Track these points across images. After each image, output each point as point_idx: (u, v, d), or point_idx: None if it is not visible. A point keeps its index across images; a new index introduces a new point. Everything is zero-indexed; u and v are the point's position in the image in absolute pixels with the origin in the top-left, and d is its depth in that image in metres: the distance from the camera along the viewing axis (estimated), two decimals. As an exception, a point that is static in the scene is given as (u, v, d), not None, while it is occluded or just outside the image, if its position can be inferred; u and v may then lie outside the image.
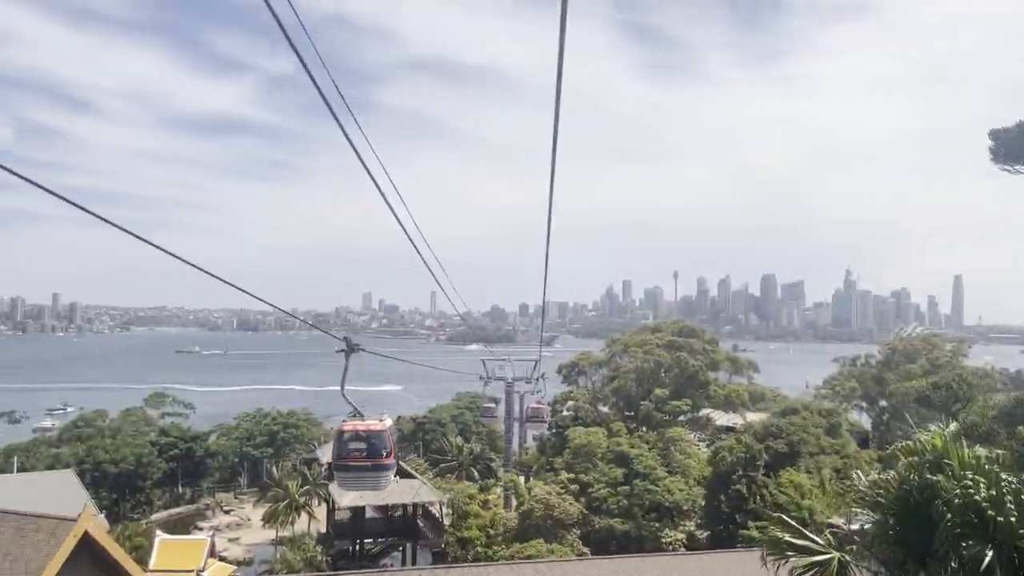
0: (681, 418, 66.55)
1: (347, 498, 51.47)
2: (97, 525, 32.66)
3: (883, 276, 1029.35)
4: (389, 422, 22.61)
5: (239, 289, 13.85)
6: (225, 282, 13.27)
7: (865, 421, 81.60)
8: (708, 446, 63.92)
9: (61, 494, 54.77)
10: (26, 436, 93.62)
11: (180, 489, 77.32)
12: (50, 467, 64.60)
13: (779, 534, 14.69)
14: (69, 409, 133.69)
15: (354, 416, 22.25)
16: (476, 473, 67.77)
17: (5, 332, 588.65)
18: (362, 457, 21.38)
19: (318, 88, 8.85)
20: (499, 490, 59.36)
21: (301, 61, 8.18)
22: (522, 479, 63.85)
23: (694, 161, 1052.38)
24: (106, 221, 9.94)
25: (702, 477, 53.97)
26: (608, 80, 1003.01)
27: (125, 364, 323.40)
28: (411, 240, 16.19)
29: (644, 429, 63.70)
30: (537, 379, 59.83)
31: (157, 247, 11.05)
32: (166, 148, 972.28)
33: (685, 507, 54.06)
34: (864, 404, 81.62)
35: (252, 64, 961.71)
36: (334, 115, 9.37)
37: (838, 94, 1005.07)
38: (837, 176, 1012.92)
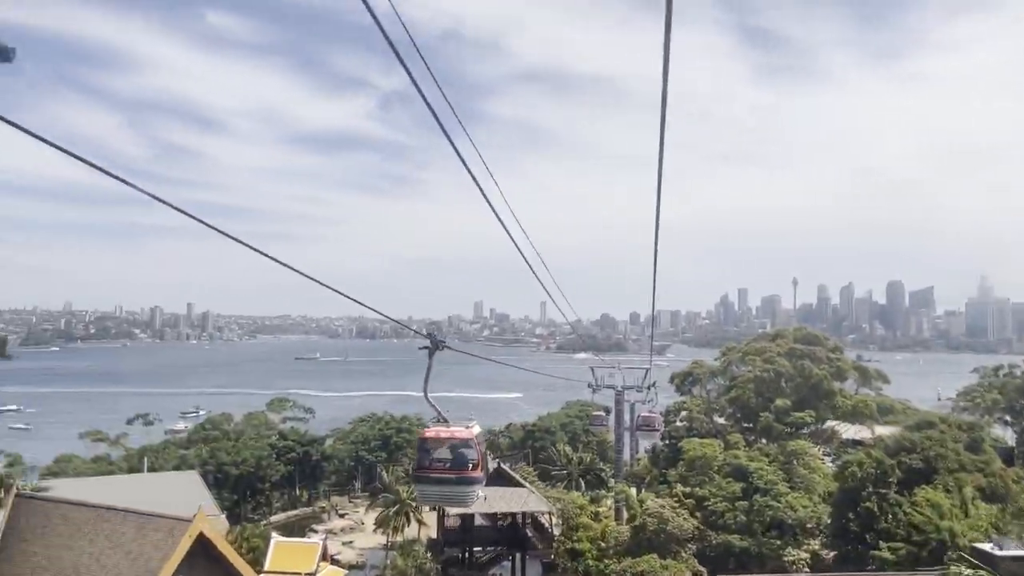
0: (804, 431, 62.98)
1: (456, 505, 51.33)
2: (212, 526, 33.40)
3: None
4: (477, 429, 20.56)
5: (352, 299, 14.63)
6: (338, 292, 13.99)
7: (1009, 437, 75.08)
8: (834, 461, 60.18)
9: (185, 494, 57.03)
10: (159, 438, 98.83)
11: (297, 492, 79.58)
12: (176, 468, 67.71)
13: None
14: (201, 412, 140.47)
15: (438, 422, 20.24)
16: (585, 483, 66.37)
17: (145, 340, 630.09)
18: (445, 468, 19.23)
19: (429, 106, 9.23)
20: (610, 501, 57.81)
21: (412, 79, 8.44)
22: (634, 491, 61.97)
23: (813, 164, 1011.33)
24: (231, 237, 10.78)
25: (827, 493, 50.65)
26: (721, 83, 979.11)
27: (251, 370, 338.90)
28: (520, 250, 17.03)
29: (764, 442, 60.62)
30: (648, 388, 58.00)
31: (275, 259, 11.57)
32: (289, 164, 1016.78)
33: (809, 525, 50.90)
34: (1008, 418, 75.10)
35: (369, 81, 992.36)
36: (445, 132, 9.85)
37: (967, 91, 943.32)
38: (968, 177, 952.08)
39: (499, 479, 51.60)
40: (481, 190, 11.62)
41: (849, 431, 68.20)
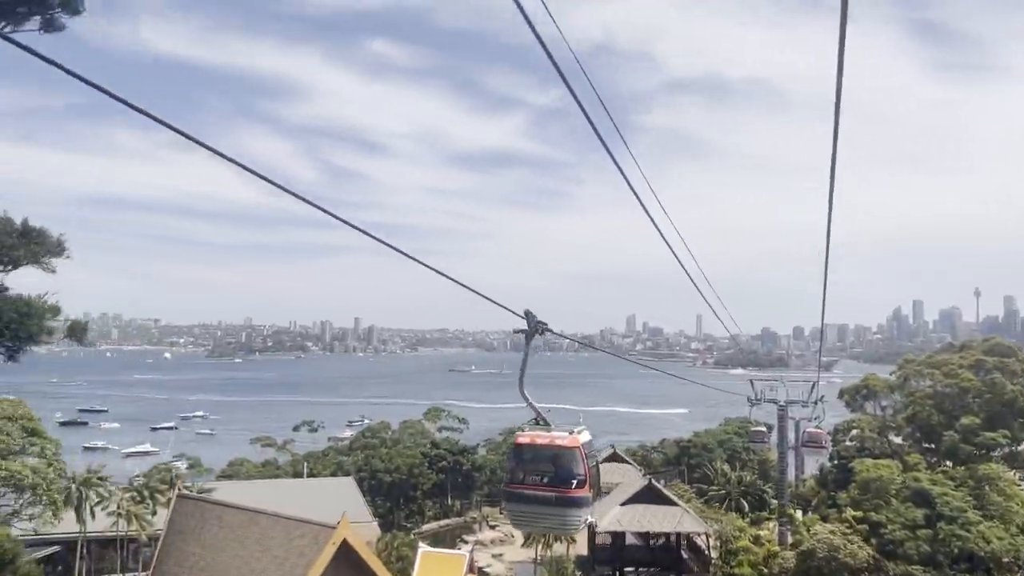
0: (996, 453, 56.30)
1: (606, 520, 49.29)
2: (357, 533, 33.45)
3: None
4: (586, 437, 16.75)
5: (509, 311, 14.54)
6: (496, 303, 14.04)
7: None
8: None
9: (340, 499, 58.44)
10: (322, 444, 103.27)
11: (449, 501, 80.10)
12: (333, 473, 69.89)
13: None
14: (365, 421, 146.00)
15: (537, 424, 16.56)
16: (746, 504, 62.34)
17: (316, 352, 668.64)
18: (541, 484, 15.66)
19: (590, 120, 9.36)
20: (773, 525, 53.88)
21: (572, 93, 8.66)
22: (799, 514, 57.58)
23: (993, 165, 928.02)
24: (404, 254, 10.96)
25: (1030, 525, 44.74)
26: (893, 83, 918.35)
27: (411, 381, 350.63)
28: (680, 262, 16.70)
29: (948, 464, 54.67)
30: (815, 402, 53.61)
31: (438, 272, 11.82)
32: (447, 183, 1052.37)
33: (1006, 559, 45.05)
34: None
35: (522, 99, 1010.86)
36: (605, 146, 9.88)
37: None
38: None
39: (651, 497, 49.34)
40: (641, 202, 11.90)
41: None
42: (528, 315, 15.07)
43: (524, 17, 7.29)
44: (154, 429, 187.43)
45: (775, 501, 57.97)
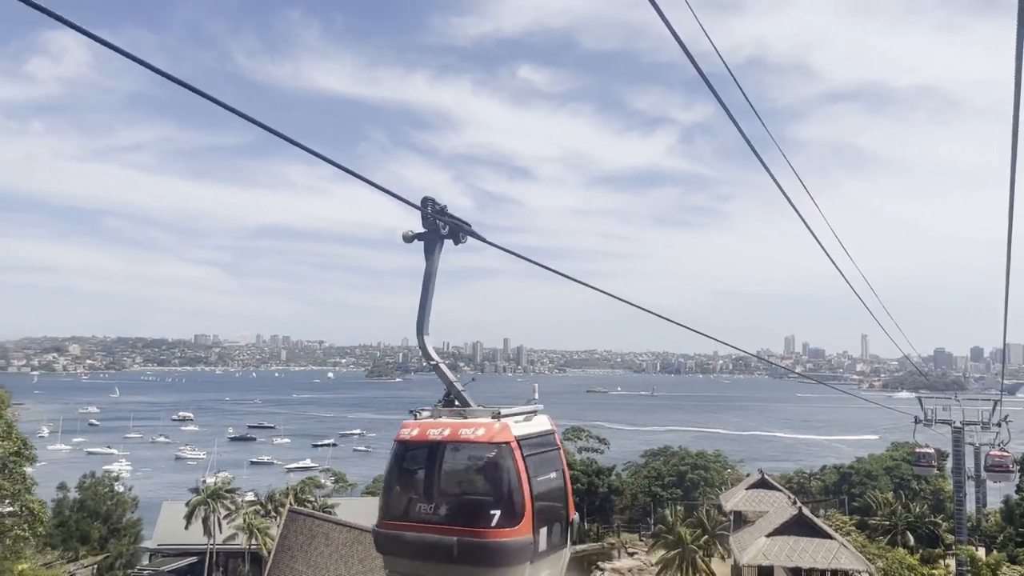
0: None
1: (751, 552, 44.68)
2: None
3: None
4: (536, 425, 9.90)
5: (694, 331, 14.07)
6: (679, 324, 13.60)
7: None
8: None
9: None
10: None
11: (585, 525, 76.80)
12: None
13: None
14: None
15: (445, 406, 10.39)
16: (913, 539, 55.21)
17: (468, 372, 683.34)
18: (434, 521, 8.85)
19: (744, 136, 9.57)
20: (950, 563, 47.11)
21: (724, 107, 8.70)
22: (982, 552, 50.21)
23: None
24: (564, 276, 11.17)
25: None
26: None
27: (559, 402, 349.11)
28: (846, 279, 16.32)
29: None
30: (998, 424, 46.59)
31: (599, 290, 11.88)
32: (595, 204, 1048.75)
33: None
34: None
35: (668, 116, 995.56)
36: (757, 155, 10.15)
37: None
38: None
39: (803, 527, 44.20)
40: (800, 217, 11.79)
41: None
42: (426, 204, 10.42)
43: (672, 33, 7.12)
44: (315, 446, 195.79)
45: (950, 536, 50.86)
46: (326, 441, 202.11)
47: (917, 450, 55.98)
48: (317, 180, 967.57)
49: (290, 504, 36.88)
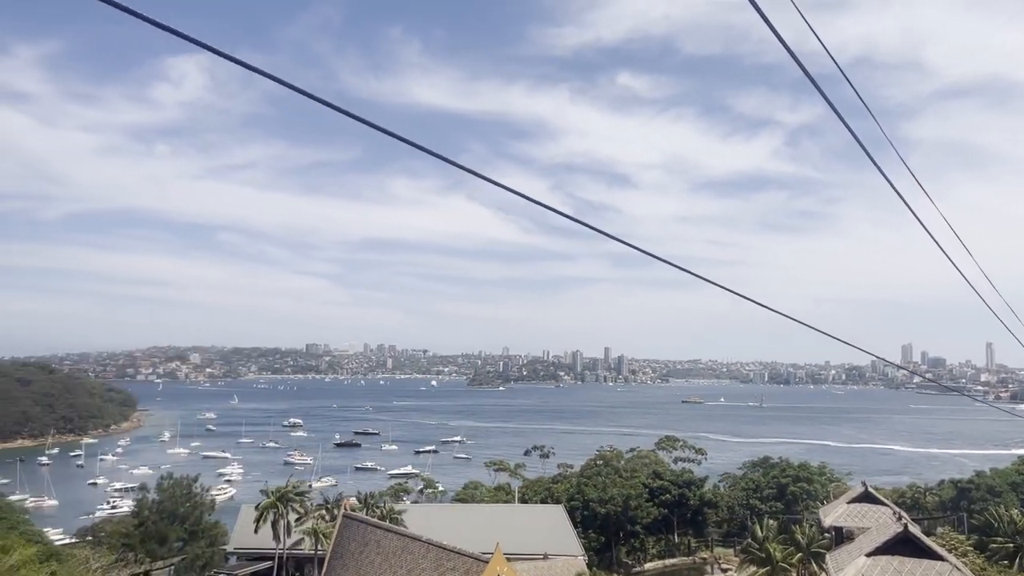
0: None
1: (848, 574, 40.54)
2: (511, 567, 29.21)
3: None
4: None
5: (839, 340, 13.01)
6: (817, 329, 12.58)
7: None
8: None
9: (545, 527, 54.73)
10: (552, 471, 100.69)
11: (676, 538, 73.02)
12: (543, 500, 66.22)
13: None
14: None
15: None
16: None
17: (568, 381, 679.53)
18: None
19: (855, 136, 9.66)
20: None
21: (832, 107, 8.86)
22: None
23: None
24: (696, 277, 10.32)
25: None
26: None
27: (660, 412, 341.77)
28: (970, 284, 15.50)
29: None
30: None
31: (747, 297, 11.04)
32: (697, 210, 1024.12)
33: None
34: None
35: (773, 119, 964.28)
36: (869, 156, 10.11)
37: None
38: None
39: (909, 547, 39.66)
40: (918, 219, 11.90)
41: None
42: None
43: (775, 33, 7.22)
44: (417, 452, 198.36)
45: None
46: (428, 448, 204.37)
47: None
48: (420, 193, 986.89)
49: (345, 510, 35.75)
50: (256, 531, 47.15)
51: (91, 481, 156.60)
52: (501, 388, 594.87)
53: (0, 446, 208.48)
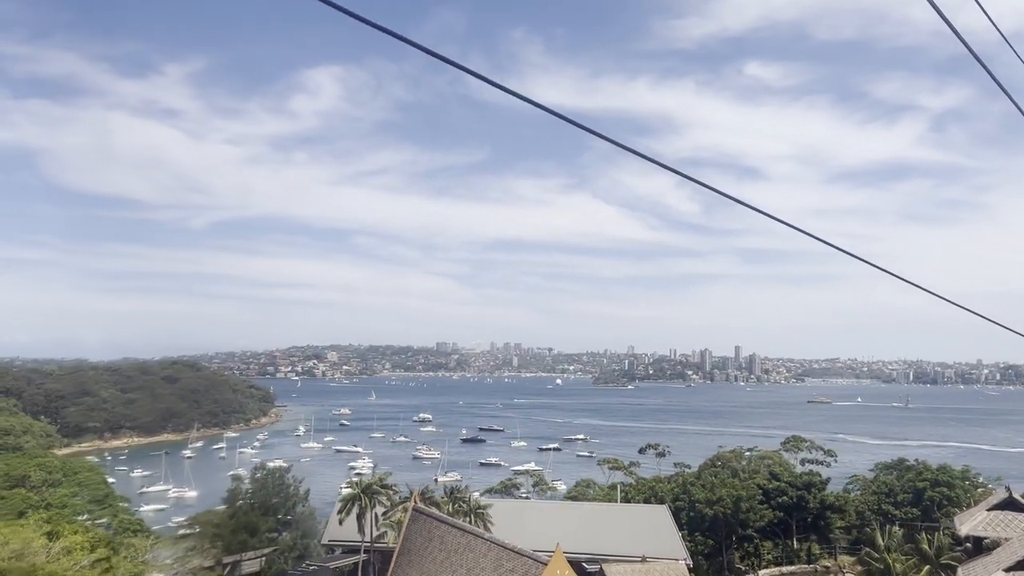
0: None
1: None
2: (570, 570, 27.02)
3: None
4: None
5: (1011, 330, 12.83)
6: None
7: None
8: None
9: (648, 528, 51.94)
10: (668, 470, 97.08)
11: (795, 543, 67.81)
12: (647, 500, 63.09)
13: None
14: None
15: None
16: None
17: (697, 380, 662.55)
18: None
19: (1016, 104, 10.08)
20: None
21: (997, 82, 9.29)
22: None
23: None
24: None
25: None
26: None
27: (788, 413, 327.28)
28: None
29: None
30: None
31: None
32: (833, 202, 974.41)
33: None
34: None
35: (915, 103, 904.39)
36: None
37: None
38: None
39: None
40: None
41: None
42: None
43: (935, 8, 7.27)
44: (541, 449, 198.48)
45: None
46: (551, 445, 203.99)
47: None
48: (544, 192, 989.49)
49: (414, 503, 34.50)
50: (341, 523, 46.98)
51: (231, 473, 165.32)
52: (629, 387, 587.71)
53: (146, 440, 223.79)
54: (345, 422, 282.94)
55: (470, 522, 45.47)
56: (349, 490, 49.89)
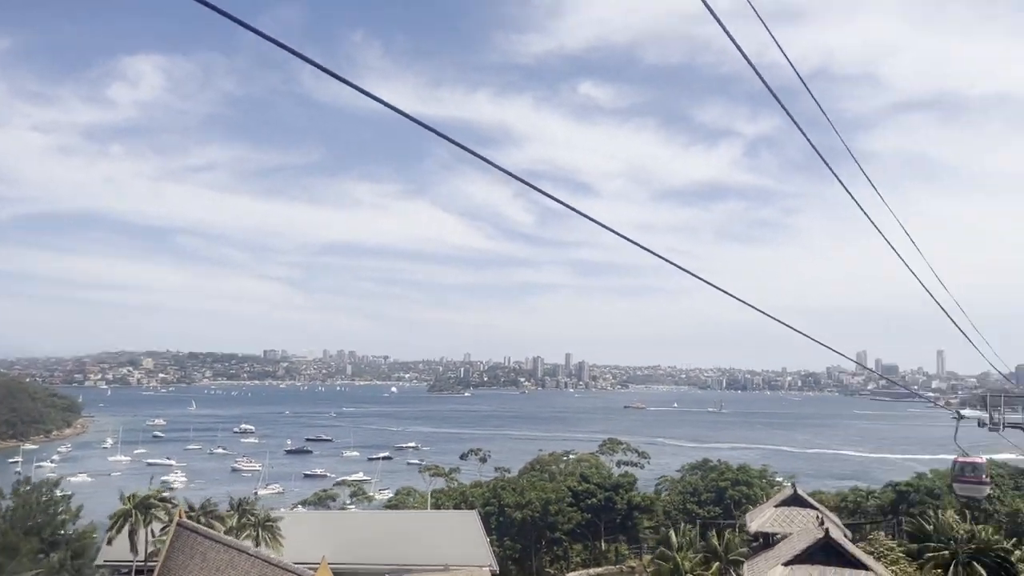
0: None
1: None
2: None
3: None
4: None
5: (816, 340, 14.22)
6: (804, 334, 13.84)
7: None
8: None
9: (453, 534, 50.74)
10: (490, 475, 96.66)
11: (603, 544, 69.01)
12: (457, 505, 62.16)
13: None
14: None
15: None
16: (983, 571, 46.02)
17: (529, 387, 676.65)
18: None
19: (814, 147, 10.78)
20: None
21: (791, 117, 9.96)
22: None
23: None
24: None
25: None
26: None
27: (608, 418, 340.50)
28: (927, 289, 16.82)
29: None
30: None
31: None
32: (658, 219, 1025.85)
33: None
34: None
35: (733, 129, 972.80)
36: (833, 172, 11.42)
37: None
38: None
39: (830, 555, 36.03)
40: (878, 229, 13.27)
41: None
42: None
43: (736, 45, 7.75)
44: (371, 459, 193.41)
45: (1025, 569, 41.94)
46: (382, 454, 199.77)
47: (959, 459, 43.34)
48: (381, 198, 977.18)
49: (179, 518, 31.31)
50: (109, 542, 42.21)
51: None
52: (466, 394, 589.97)
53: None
54: (159, 433, 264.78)
55: (257, 536, 42.33)
56: (122, 505, 44.96)
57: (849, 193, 11.22)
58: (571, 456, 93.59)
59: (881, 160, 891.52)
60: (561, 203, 9.81)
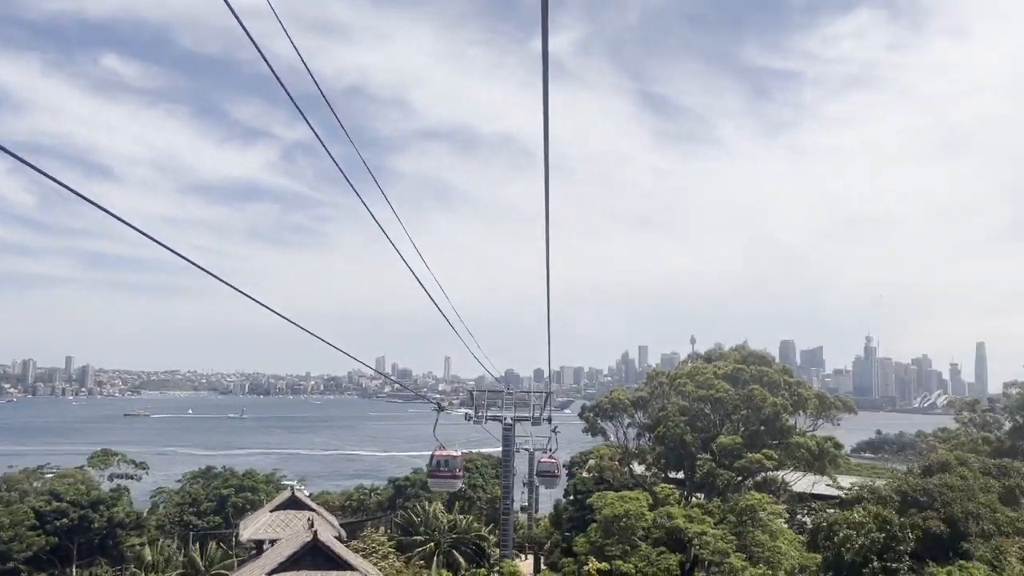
0: (747, 482, 47.66)
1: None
2: None
3: (904, 343, 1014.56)
4: None
5: (337, 348, 16.28)
6: (325, 341, 15.16)
7: None
8: (792, 520, 45.30)
9: None
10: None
11: (74, 571, 58.70)
12: None
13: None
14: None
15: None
16: (463, 557, 48.94)
17: (16, 395, 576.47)
18: None
19: (336, 164, 10.95)
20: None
21: (315, 133, 9.92)
22: (528, 565, 45.43)
23: (711, 229, 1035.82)
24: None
25: (800, 567, 35.35)
26: (622, 148, 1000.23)
27: (124, 427, 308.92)
28: (437, 306, 18.41)
29: (700, 496, 45.33)
30: (549, 420, 42.16)
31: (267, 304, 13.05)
32: (186, 214, 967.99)
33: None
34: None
35: (270, 131, 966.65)
36: (353, 189, 11.53)
37: (856, 163, 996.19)
38: (856, 245, 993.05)
39: (319, 559, 33.80)
40: (394, 246, 13.50)
41: (801, 482, 53.04)
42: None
43: (258, 50, 7.63)
44: None
45: (497, 550, 45.32)
46: None
47: (436, 453, 44.47)
48: None
49: None
50: None
51: None
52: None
53: None
54: None
55: None
56: None
57: (365, 205, 11.31)
58: (52, 472, 79.05)
59: (409, 181, 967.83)
60: (66, 187, 8.54)
